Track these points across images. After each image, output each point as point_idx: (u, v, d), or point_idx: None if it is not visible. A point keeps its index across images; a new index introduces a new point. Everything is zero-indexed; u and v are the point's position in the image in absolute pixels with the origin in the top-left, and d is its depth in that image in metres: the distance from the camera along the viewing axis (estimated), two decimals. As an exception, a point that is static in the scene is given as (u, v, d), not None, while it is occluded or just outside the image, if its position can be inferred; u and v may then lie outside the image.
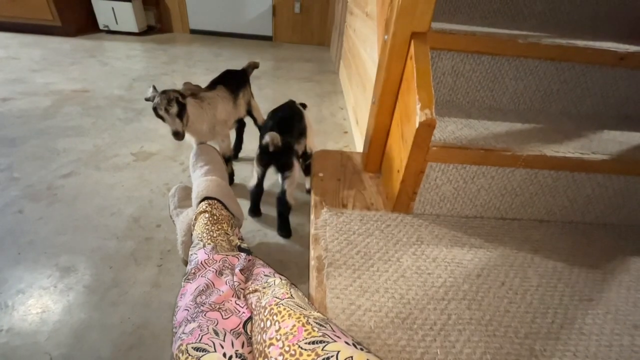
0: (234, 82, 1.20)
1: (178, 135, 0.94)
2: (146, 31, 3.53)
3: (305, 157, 1.11)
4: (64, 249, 0.93)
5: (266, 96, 2.15)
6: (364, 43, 1.56)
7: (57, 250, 0.92)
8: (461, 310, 0.58)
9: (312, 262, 0.67)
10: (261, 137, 0.94)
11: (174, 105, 0.92)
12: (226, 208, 0.82)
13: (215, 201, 0.81)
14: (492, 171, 0.76)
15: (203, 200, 0.81)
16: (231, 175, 1.24)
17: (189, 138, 1.12)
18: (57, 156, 1.33)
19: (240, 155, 1.43)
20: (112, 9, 3.21)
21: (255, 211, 1.11)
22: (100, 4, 3.19)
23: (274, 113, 1.04)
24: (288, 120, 1.01)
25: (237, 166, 1.36)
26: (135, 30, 3.33)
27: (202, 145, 1.00)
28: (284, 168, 0.97)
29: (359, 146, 1.57)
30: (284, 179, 0.98)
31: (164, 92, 0.93)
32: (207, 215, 0.76)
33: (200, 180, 0.86)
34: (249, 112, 1.32)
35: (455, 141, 0.75)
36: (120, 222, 1.03)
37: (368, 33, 1.46)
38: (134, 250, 0.94)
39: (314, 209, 0.83)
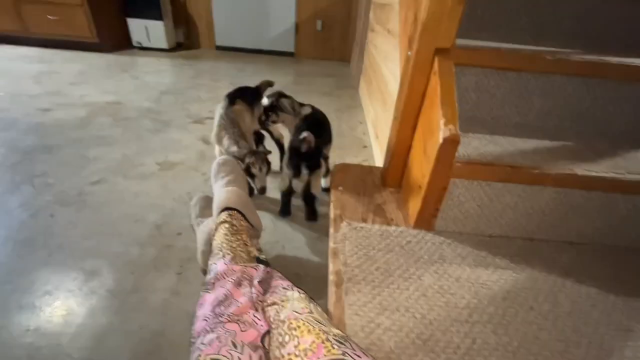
0: (249, 96, 1.25)
1: (264, 191, 1.10)
2: (175, 47, 3.71)
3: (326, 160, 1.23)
4: (90, 253, 0.96)
5: (287, 110, 2.19)
6: (385, 59, 1.57)
7: (84, 254, 0.95)
8: (486, 335, 0.55)
9: (331, 277, 0.66)
10: (295, 139, 1.03)
11: (266, 165, 1.08)
12: (246, 219, 0.83)
13: (236, 212, 0.82)
14: (519, 189, 0.74)
15: (223, 210, 0.82)
16: (250, 187, 1.26)
17: (217, 153, 1.17)
18: (88, 164, 1.40)
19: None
20: (145, 27, 3.41)
21: (286, 211, 1.19)
22: (134, 23, 3.40)
23: (308, 117, 1.10)
24: (320, 124, 1.11)
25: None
26: (166, 46, 3.51)
27: (224, 156, 1.02)
28: (312, 167, 1.07)
29: (378, 161, 1.56)
30: (310, 174, 1.07)
31: (256, 152, 1.07)
32: (227, 225, 0.77)
33: (222, 191, 0.88)
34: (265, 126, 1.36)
35: (479, 157, 0.73)
36: (143, 229, 1.06)
37: (389, 49, 1.47)
38: (154, 257, 0.96)
39: (333, 223, 0.82)
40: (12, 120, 1.73)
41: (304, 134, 0.99)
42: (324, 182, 1.33)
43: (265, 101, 1.11)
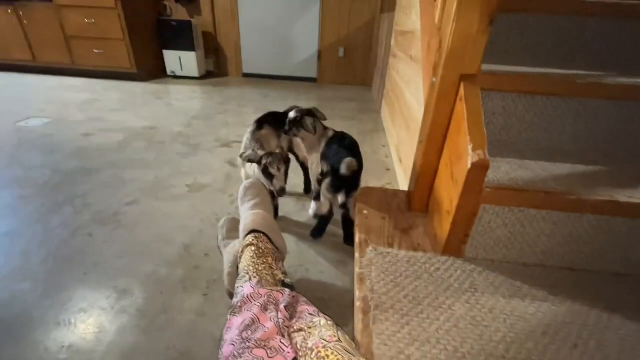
0: (276, 121, 1.28)
1: (284, 192, 1.08)
2: (205, 76, 3.94)
3: None
4: (123, 272, 1.00)
5: (310, 133, 2.25)
6: (408, 84, 1.60)
7: (117, 273, 0.99)
8: (526, 373, 0.52)
9: (358, 304, 0.65)
10: (333, 163, 1.05)
11: (284, 164, 1.08)
12: (271, 241, 0.84)
13: (262, 234, 0.83)
14: (554, 216, 0.71)
15: (250, 233, 0.84)
16: (276, 209, 1.28)
17: (243, 176, 1.20)
18: (124, 186, 1.48)
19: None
20: (179, 57, 3.66)
21: (320, 233, 1.20)
22: (169, 54, 3.67)
23: (340, 140, 1.13)
24: (354, 145, 1.12)
25: (281, 200, 1.40)
26: (197, 75, 3.74)
27: (251, 180, 1.06)
28: (352, 190, 1.08)
29: (402, 184, 1.55)
30: (348, 197, 1.07)
31: (271, 154, 1.08)
32: (253, 248, 0.78)
33: (248, 214, 0.90)
34: (291, 149, 1.39)
35: (510, 183, 0.71)
36: (172, 250, 1.10)
37: (412, 75, 1.49)
38: (183, 278, 0.98)
39: (358, 247, 0.82)
40: (57, 144, 1.88)
41: (348, 159, 1.01)
42: (340, 197, 1.32)
43: (291, 114, 1.15)
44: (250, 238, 0.81)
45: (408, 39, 1.71)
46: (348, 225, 1.16)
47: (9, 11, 3.23)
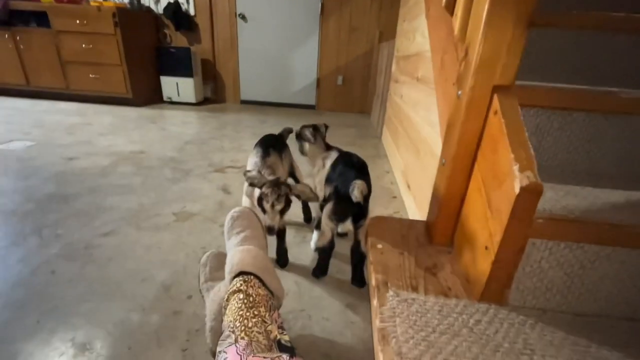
0: (277, 144, 1.16)
1: (272, 231, 0.89)
2: (202, 102, 3.90)
3: None
4: (85, 319, 0.82)
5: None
6: (414, 107, 1.51)
7: (78, 321, 0.81)
8: None
9: (383, 373, 0.49)
10: (338, 185, 0.92)
11: (282, 201, 0.88)
12: (264, 285, 0.68)
13: (252, 277, 0.67)
14: (622, 254, 0.57)
15: (237, 275, 0.68)
16: (285, 253, 1.11)
17: (248, 201, 1.06)
18: (103, 214, 1.32)
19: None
20: (177, 83, 3.63)
21: (323, 270, 1.03)
22: (166, 80, 3.64)
23: (345, 160, 0.98)
24: (362, 165, 0.97)
25: (279, 231, 1.25)
26: (193, 101, 3.69)
27: (240, 208, 0.89)
28: (360, 217, 0.94)
29: (411, 213, 1.41)
30: (357, 228, 0.95)
31: (277, 184, 0.89)
32: (241, 295, 0.61)
33: (235, 251, 0.73)
34: (291, 174, 1.26)
35: (564, 212, 0.58)
36: (149, 291, 0.93)
37: (420, 97, 1.41)
38: (158, 327, 0.81)
39: (376, 292, 0.66)
40: (36, 168, 1.73)
41: (357, 182, 0.86)
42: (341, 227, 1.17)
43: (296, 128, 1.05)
44: (237, 283, 0.65)
45: (412, 62, 1.65)
46: (358, 261, 0.99)
47: (6, 36, 3.20)
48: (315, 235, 1.14)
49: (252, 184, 0.93)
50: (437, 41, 1.14)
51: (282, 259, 1.08)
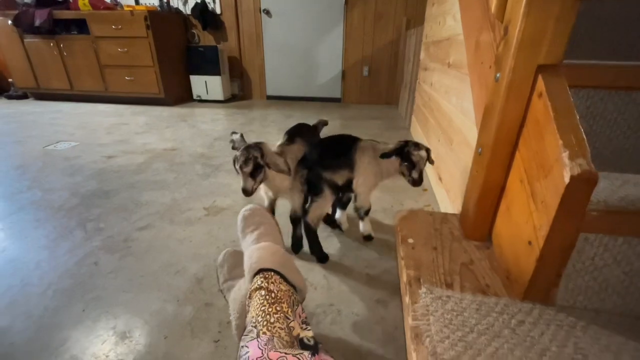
0: (308, 135, 1.15)
1: (246, 193, 0.90)
2: (230, 99, 3.98)
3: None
4: (125, 309, 0.86)
5: (336, 152, 2.11)
6: (446, 94, 1.43)
7: (119, 310, 0.86)
8: None
9: (417, 374, 0.47)
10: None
11: (250, 165, 0.88)
12: (286, 280, 0.67)
13: (272, 273, 0.66)
14: (695, 251, 0.50)
15: (257, 273, 0.66)
16: (299, 240, 1.12)
17: (264, 193, 1.07)
18: (139, 208, 1.39)
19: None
20: (205, 82, 3.72)
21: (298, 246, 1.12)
22: (196, 79, 3.74)
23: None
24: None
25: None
26: (222, 98, 3.78)
27: (250, 206, 0.86)
28: (315, 193, 1.03)
29: (443, 206, 1.35)
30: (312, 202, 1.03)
31: (247, 148, 0.90)
32: (263, 292, 0.61)
33: (252, 250, 0.72)
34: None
35: (622, 203, 0.52)
36: (183, 282, 0.96)
37: (452, 83, 1.34)
38: (192, 318, 0.83)
39: (407, 288, 0.64)
40: (80, 166, 1.85)
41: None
42: (361, 226, 1.17)
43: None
44: (258, 280, 0.63)
45: (443, 47, 1.57)
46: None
47: (51, 44, 3.44)
48: (361, 225, 1.16)
49: (233, 147, 0.95)
50: (471, 22, 1.07)
51: (295, 245, 1.10)
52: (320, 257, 1.05)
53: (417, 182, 0.97)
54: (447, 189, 1.31)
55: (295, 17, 3.67)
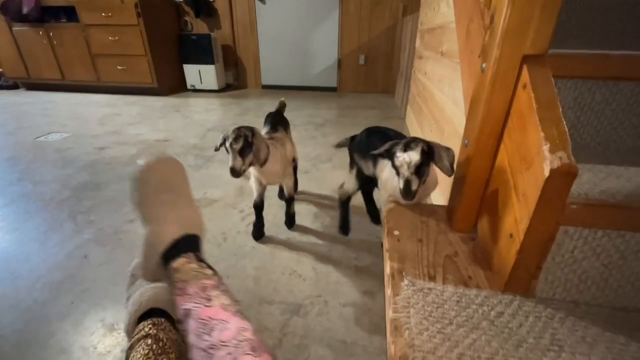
0: (283, 121, 1.19)
1: (234, 173, 0.90)
2: (224, 88, 3.93)
3: None
4: (114, 302, 0.87)
5: (330, 143, 2.10)
6: (439, 83, 1.42)
7: (107, 303, 0.86)
8: None
9: (394, 366, 0.47)
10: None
11: (240, 142, 0.88)
12: (175, 328, 0.56)
13: (163, 320, 0.55)
14: (673, 243, 0.50)
15: (143, 317, 0.54)
16: (292, 218, 1.16)
17: (254, 184, 1.08)
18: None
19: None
20: (199, 71, 3.67)
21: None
22: (189, 68, 3.68)
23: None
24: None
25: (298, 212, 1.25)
26: (216, 88, 3.73)
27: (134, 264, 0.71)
28: None
29: (435, 198, 1.35)
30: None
31: (239, 127, 0.92)
32: (149, 341, 0.51)
33: (145, 289, 0.59)
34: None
35: (603, 196, 0.52)
36: (172, 274, 0.96)
37: (445, 72, 1.32)
38: (180, 310, 0.84)
39: (390, 280, 0.64)
40: (72, 158, 1.83)
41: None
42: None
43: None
44: (146, 327, 0.53)
45: (437, 34, 1.54)
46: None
47: (40, 32, 3.36)
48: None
49: (216, 149, 0.99)
50: (463, 9, 1.04)
51: (288, 221, 1.18)
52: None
53: (402, 192, 0.76)
54: (439, 180, 1.30)
55: (290, 4, 3.60)
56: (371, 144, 0.94)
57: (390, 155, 0.79)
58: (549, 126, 0.51)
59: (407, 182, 0.75)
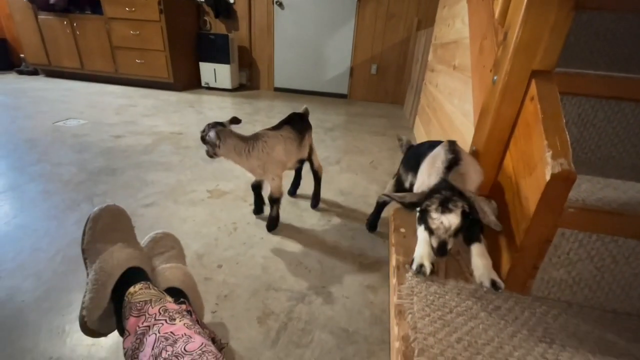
0: (300, 123, 1.21)
1: (208, 154, 1.12)
2: (238, 88, 4.01)
3: None
4: (129, 278, 0.91)
5: (338, 147, 2.15)
6: (450, 96, 1.47)
7: (122, 279, 0.90)
8: None
9: (396, 344, 0.51)
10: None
11: (213, 135, 1.06)
12: (188, 301, 0.62)
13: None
14: (662, 251, 0.54)
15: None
16: (277, 219, 1.18)
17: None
18: (145, 187, 1.43)
19: (298, 192, 1.46)
20: (214, 70, 3.75)
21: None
22: (205, 66, 3.77)
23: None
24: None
25: (295, 205, 1.29)
26: (229, 87, 3.81)
27: (161, 231, 0.85)
28: None
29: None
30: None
31: (208, 124, 1.09)
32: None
33: (163, 268, 0.67)
34: (309, 155, 1.30)
35: (599, 203, 0.56)
36: (184, 258, 1.00)
37: (456, 85, 1.37)
38: (191, 290, 0.88)
39: (395, 271, 0.68)
40: (88, 143, 1.90)
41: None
42: None
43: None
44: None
45: (451, 49, 1.60)
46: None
47: (65, 22, 3.47)
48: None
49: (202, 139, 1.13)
50: (477, 26, 1.10)
51: (268, 223, 1.18)
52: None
53: (436, 252, 0.63)
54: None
55: (307, 11, 3.69)
56: (416, 158, 0.85)
57: (422, 214, 0.65)
58: (553, 135, 0.55)
59: (443, 244, 0.61)
